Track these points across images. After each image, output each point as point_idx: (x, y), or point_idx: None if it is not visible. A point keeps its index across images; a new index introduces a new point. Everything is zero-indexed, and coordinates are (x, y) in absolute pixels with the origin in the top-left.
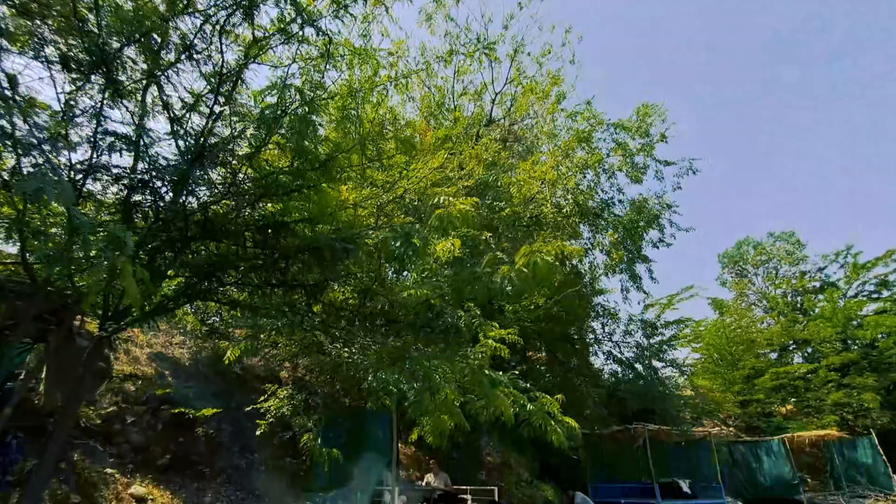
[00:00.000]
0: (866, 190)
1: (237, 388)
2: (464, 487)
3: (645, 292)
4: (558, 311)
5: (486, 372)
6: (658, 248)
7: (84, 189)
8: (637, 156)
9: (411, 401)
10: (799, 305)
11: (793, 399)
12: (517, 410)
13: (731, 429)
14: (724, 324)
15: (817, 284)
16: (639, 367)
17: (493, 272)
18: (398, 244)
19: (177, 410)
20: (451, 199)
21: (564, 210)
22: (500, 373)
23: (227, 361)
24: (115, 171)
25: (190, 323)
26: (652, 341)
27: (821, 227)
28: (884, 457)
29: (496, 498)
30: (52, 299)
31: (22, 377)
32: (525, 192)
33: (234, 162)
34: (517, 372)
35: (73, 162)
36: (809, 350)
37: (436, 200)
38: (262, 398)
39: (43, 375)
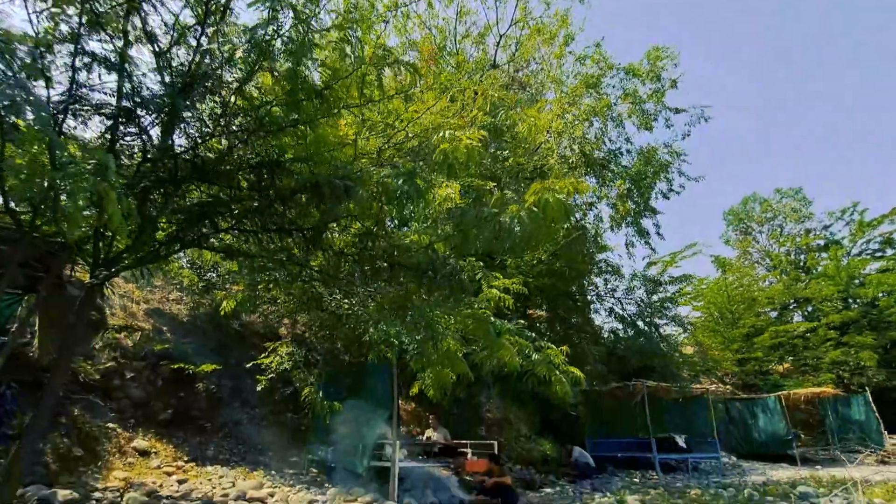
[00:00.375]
0: (877, 148)
1: (236, 344)
2: (464, 442)
3: (652, 248)
4: (561, 266)
5: (492, 320)
6: (668, 198)
7: (64, 126)
8: (647, 103)
9: (413, 352)
10: (802, 264)
11: (790, 358)
12: (522, 361)
13: (727, 386)
14: (725, 282)
15: (821, 242)
16: (640, 323)
17: (500, 213)
18: (400, 182)
19: (176, 366)
20: (456, 133)
21: (570, 161)
22: (505, 322)
23: (223, 313)
24: (95, 101)
25: (186, 278)
26: (654, 298)
27: (831, 186)
28: (876, 414)
29: (496, 451)
30: (39, 245)
31: (14, 329)
32: (531, 136)
33: (223, 92)
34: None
35: (53, 99)
36: (810, 309)
37: (440, 135)
38: (262, 355)
39: (36, 328)
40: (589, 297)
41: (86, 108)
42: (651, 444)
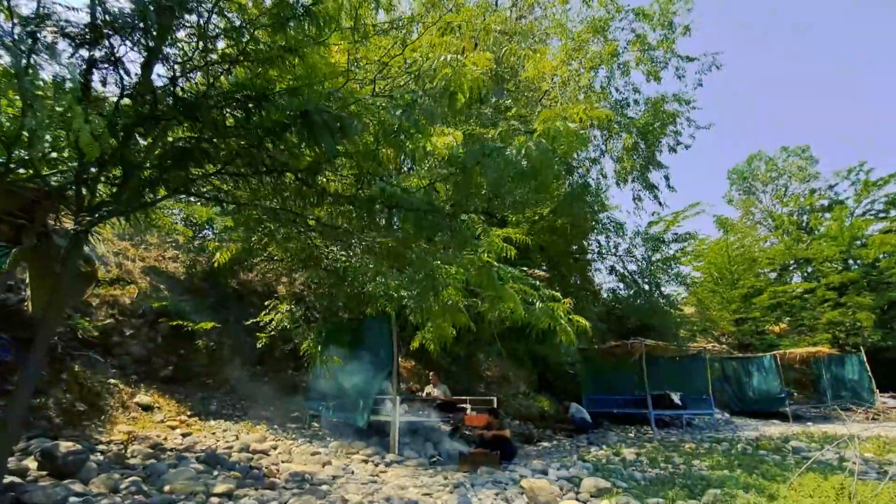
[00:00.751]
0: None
1: (234, 302)
2: (463, 398)
3: (660, 202)
4: (563, 223)
5: (495, 264)
6: (675, 151)
7: (32, 60)
8: (656, 50)
9: (413, 306)
10: (805, 224)
11: (787, 318)
12: (526, 311)
13: (723, 346)
14: (726, 242)
15: (825, 203)
16: (641, 282)
17: (506, 145)
18: (399, 114)
19: (174, 323)
20: (459, 56)
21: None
22: (509, 267)
23: (216, 265)
24: (63, 23)
25: (181, 235)
26: (656, 257)
27: (840, 146)
28: (869, 373)
29: (495, 406)
30: (19, 194)
31: None
32: (537, 77)
33: (202, 6)
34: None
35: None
36: (809, 270)
37: (442, 60)
38: (262, 312)
39: (27, 282)
40: (590, 256)
41: (52, 30)
42: (647, 400)
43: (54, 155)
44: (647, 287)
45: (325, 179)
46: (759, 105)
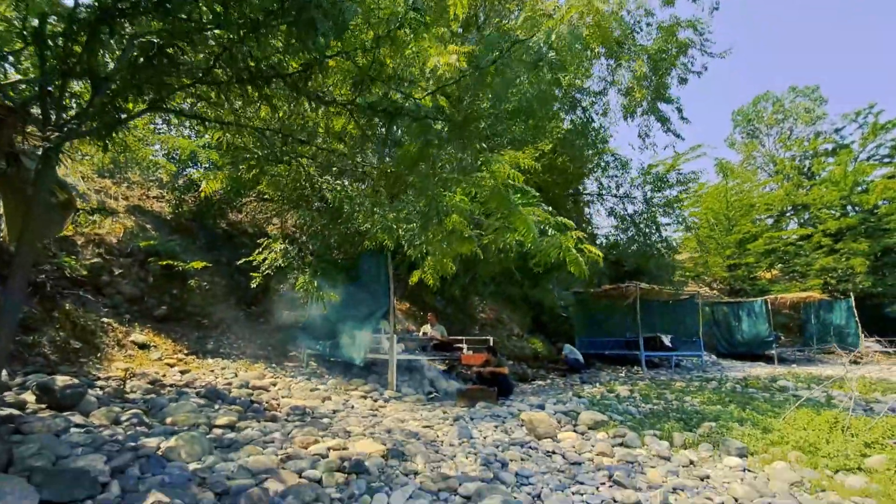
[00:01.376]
0: None
1: (225, 244)
2: (459, 338)
3: (676, 133)
4: (564, 161)
5: (509, 182)
6: (685, 81)
7: None
8: None
9: (412, 239)
10: (806, 169)
11: (779, 265)
12: (533, 242)
13: (714, 291)
14: (726, 187)
15: (830, 146)
16: (640, 224)
17: (531, 34)
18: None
19: (164, 262)
20: None
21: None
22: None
23: (202, 195)
24: None
25: (164, 170)
26: (657, 198)
27: (852, 89)
28: (857, 318)
29: (491, 345)
30: None
31: None
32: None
33: None
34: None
35: None
36: (807, 216)
37: None
38: (255, 251)
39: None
40: (589, 197)
41: None
42: (638, 342)
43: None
44: (646, 230)
45: (317, 80)
46: (772, 45)
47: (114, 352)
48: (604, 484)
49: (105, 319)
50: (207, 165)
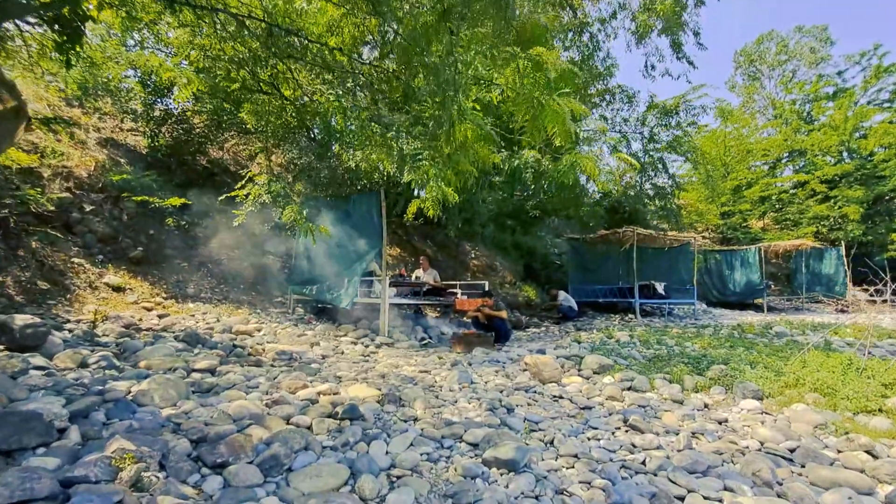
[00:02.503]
0: None
1: (205, 181)
2: (453, 283)
3: (689, 61)
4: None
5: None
6: (703, 3)
7: None
8: None
9: (414, 157)
10: (806, 114)
11: (772, 213)
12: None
13: (706, 240)
14: (724, 133)
15: (831, 90)
16: (646, 162)
17: None
18: None
19: (139, 199)
20: None
21: None
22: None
23: (177, 102)
24: None
25: (137, 94)
26: (665, 135)
27: (864, 31)
28: (846, 267)
29: (486, 289)
30: None
31: None
32: None
33: None
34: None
35: None
36: (802, 163)
37: None
38: (238, 185)
39: None
40: (589, 133)
41: None
42: (633, 289)
43: None
44: (651, 172)
45: None
46: None
47: (85, 294)
48: (619, 429)
49: (76, 259)
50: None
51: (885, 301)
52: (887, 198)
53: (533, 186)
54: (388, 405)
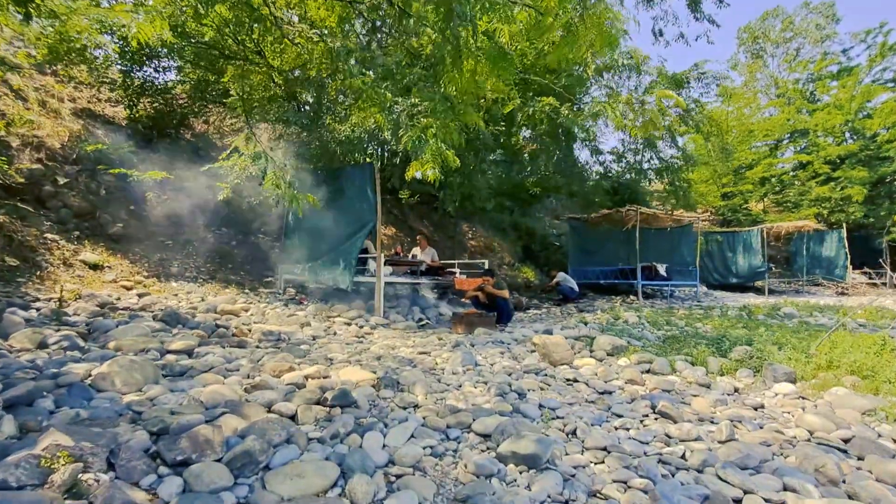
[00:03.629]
0: None
1: (189, 156)
2: (451, 262)
3: (711, 20)
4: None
5: None
6: None
7: None
8: None
9: (411, 111)
10: (810, 93)
11: (772, 195)
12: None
13: (705, 222)
14: (725, 112)
15: (835, 68)
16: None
17: None
18: None
19: (116, 171)
20: None
21: None
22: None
23: (136, 42)
24: None
25: (112, 56)
26: (675, 110)
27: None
28: (846, 250)
29: (487, 267)
30: None
31: None
32: None
33: None
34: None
35: None
36: (804, 144)
37: None
38: (222, 156)
39: None
40: (595, 108)
41: None
42: (636, 270)
43: None
44: (658, 146)
45: None
46: None
47: (59, 272)
48: (647, 416)
49: (49, 235)
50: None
51: (884, 284)
52: (889, 179)
53: (530, 167)
54: (384, 390)
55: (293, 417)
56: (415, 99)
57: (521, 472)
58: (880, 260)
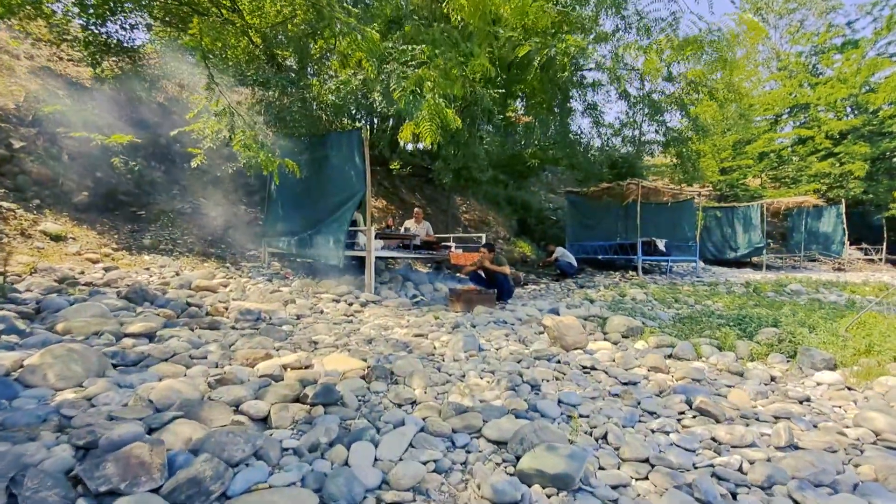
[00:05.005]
0: None
1: (163, 122)
2: (446, 235)
3: None
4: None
5: None
6: None
7: None
8: None
9: (402, 56)
10: (812, 66)
11: (770, 170)
12: None
13: (703, 196)
14: (728, 82)
15: (839, 41)
16: (662, 102)
17: None
18: None
19: (78, 134)
20: None
21: None
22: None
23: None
24: None
25: (77, 15)
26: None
27: None
28: (844, 226)
29: (487, 241)
30: None
31: None
32: None
33: None
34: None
35: None
36: (804, 119)
37: None
38: (190, 114)
39: None
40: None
41: None
42: (632, 245)
43: None
44: (666, 116)
45: None
46: None
47: (16, 243)
48: (683, 414)
49: (4, 203)
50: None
51: (880, 260)
52: (889, 155)
53: (527, 137)
54: (376, 382)
55: (265, 420)
56: (408, 43)
57: (549, 496)
58: (882, 235)
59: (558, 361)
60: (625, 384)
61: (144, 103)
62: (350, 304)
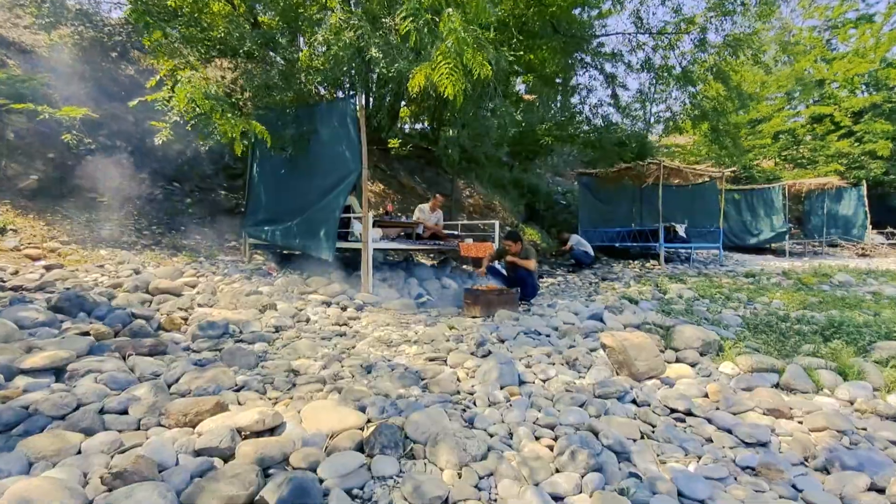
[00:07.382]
0: None
1: (131, 92)
2: (454, 223)
3: None
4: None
5: None
6: None
7: None
8: None
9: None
10: (825, 41)
11: (785, 152)
12: None
13: (718, 178)
14: (736, 63)
15: (852, 15)
16: (692, 72)
17: None
18: None
19: (20, 106)
20: None
21: None
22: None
23: None
24: None
25: None
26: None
27: None
28: (866, 208)
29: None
30: None
31: None
32: None
33: None
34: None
35: None
36: (816, 98)
37: None
38: (151, 82)
39: None
40: (613, 41)
41: None
42: (655, 232)
43: None
44: (693, 83)
45: None
46: None
47: None
48: None
49: None
50: None
51: None
52: None
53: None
54: (381, 456)
55: None
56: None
57: None
58: None
59: (634, 402)
60: (749, 445)
61: (111, 75)
62: (344, 309)
